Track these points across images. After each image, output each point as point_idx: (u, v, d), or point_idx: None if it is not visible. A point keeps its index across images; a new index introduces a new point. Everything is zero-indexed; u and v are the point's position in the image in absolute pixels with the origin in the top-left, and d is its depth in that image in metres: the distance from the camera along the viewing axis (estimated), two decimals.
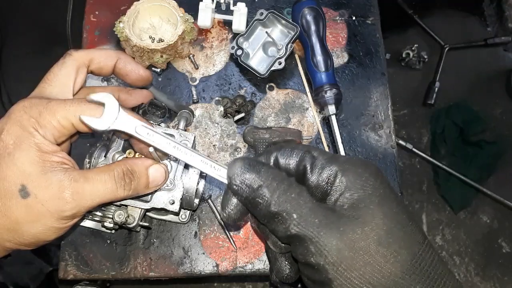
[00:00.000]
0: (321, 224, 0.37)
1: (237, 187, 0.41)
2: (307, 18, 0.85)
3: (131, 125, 0.51)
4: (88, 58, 0.57)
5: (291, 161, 0.42)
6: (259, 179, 0.40)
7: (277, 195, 0.39)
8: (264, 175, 0.40)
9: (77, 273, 0.77)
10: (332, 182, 0.40)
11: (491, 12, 2.03)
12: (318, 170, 0.41)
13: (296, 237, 0.38)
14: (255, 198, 0.40)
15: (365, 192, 0.39)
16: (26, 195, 0.48)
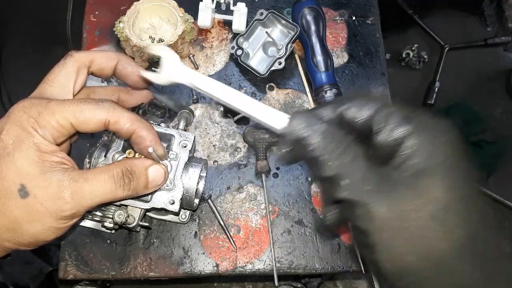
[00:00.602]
0: (372, 191, 0.37)
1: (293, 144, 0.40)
2: (307, 18, 0.85)
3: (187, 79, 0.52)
4: (89, 60, 0.58)
5: (360, 114, 0.40)
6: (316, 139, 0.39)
7: (332, 159, 0.38)
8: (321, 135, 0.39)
9: (77, 273, 0.77)
10: (401, 143, 0.37)
11: (491, 12, 2.03)
12: (390, 129, 0.38)
13: (346, 201, 0.38)
14: (310, 158, 0.39)
15: (434, 161, 0.37)
16: (25, 194, 0.48)
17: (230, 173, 0.84)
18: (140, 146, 0.56)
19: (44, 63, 0.60)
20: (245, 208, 0.82)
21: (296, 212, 0.82)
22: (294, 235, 0.81)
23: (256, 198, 0.83)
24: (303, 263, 0.79)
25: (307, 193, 0.83)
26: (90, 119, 0.51)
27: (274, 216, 0.82)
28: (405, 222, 0.36)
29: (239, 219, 0.81)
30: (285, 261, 0.79)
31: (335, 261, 0.80)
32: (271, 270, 0.78)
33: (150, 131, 0.56)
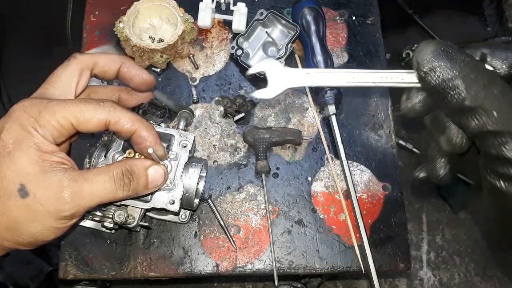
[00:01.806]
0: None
1: (425, 74, 0.38)
2: (307, 18, 0.85)
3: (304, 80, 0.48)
4: (92, 62, 0.58)
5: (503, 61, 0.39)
6: (453, 68, 0.37)
7: (475, 89, 0.36)
8: (460, 64, 0.37)
9: (77, 273, 0.77)
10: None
11: (491, 12, 2.03)
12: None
13: (493, 133, 0.36)
14: (445, 89, 0.37)
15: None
16: (25, 194, 0.48)
17: (230, 173, 0.84)
18: (140, 146, 0.56)
19: (44, 63, 0.60)
20: (245, 208, 0.82)
21: (296, 212, 0.82)
22: (294, 235, 0.81)
23: (256, 198, 0.83)
24: (303, 263, 0.79)
25: (307, 193, 0.83)
26: (91, 119, 0.51)
27: (274, 216, 0.82)
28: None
29: (239, 219, 0.81)
30: (285, 261, 0.79)
31: (335, 261, 0.80)
32: (271, 270, 0.78)
33: (150, 131, 0.56)
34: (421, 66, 0.39)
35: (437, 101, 0.40)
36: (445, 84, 0.37)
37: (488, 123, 0.36)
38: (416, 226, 1.84)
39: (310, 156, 0.86)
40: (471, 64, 0.37)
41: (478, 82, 0.37)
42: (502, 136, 0.36)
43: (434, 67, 0.38)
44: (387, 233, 0.82)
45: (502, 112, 0.36)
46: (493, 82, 0.37)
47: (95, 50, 0.90)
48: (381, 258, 0.80)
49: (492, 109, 0.36)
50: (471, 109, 0.37)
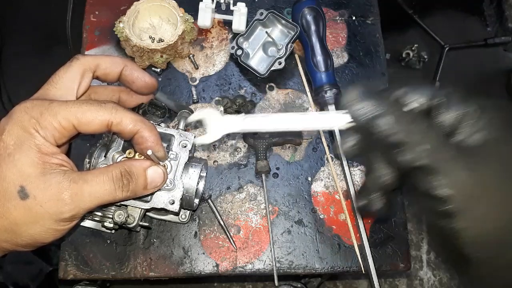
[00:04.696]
0: (454, 158, 0.37)
1: (357, 113, 0.40)
2: (307, 18, 0.85)
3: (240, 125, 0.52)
4: (95, 64, 0.58)
5: (421, 97, 0.41)
6: (381, 106, 0.39)
7: (404, 123, 0.38)
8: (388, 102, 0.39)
9: (77, 273, 0.77)
10: (467, 120, 0.39)
11: (491, 12, 2.03)
12: (453, 107, 0.39)
13: (424, 168, 0.37)
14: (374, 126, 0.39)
15: (501, 135, 0.38)
16: (25, 196, 0.48)
17: (230, 173, 0.84)
18: (141, 147, 0.56)
19: (44, 63, 0.60)
20: (245, 208, 0.82)
21: (296, 212, 0.82)
22: (294, 235, 0.81)
23: (256, 198, 0.83)
24: (303, 263, 0.79)
25: (307, 193, 0.84)
26: (93, 120, 0.51)
27: (274, 216, 0.82)
28: (487, 189, 0.36)
29: (239, 219, 0.81)
30: (285, 261, 0.79)
31: (335, 261, 0.80)
32: (271, 270, 0.79)
33: (152, 131, 0.56)
34: (352, 106, 0.40)
35: (368, 138, 0.42)
36: (373, 122, 0.39)
37: (418, 158, 0.37)
38: (416, 226, 1.84)
39: (310, 156, 0.86)
40: (397, 102, 0.40)
41: (404, 118, 0.38)
42: (431, 172, 0.37)
43: (364, 106, 0.39)
44: (387, 233, 0.82)
45: (431, 147, 0.37)
46: (419, 118, 0.39)
47: (95, 50, 0.90)
48: (381, 258, 0.80)
49: (421, 143, 0.37)
50: (401, 144, 0.38)
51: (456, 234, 0.37)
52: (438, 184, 0.37)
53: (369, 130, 0.40)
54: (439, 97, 0.40)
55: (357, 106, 0.40)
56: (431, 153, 0.37)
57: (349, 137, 0.44)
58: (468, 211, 0.36)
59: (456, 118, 0.39)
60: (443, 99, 0.40)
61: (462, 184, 0.36)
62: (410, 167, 0.38)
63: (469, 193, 0.36)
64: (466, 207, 0.36)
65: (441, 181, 0.37)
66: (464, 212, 0.36)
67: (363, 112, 0.39)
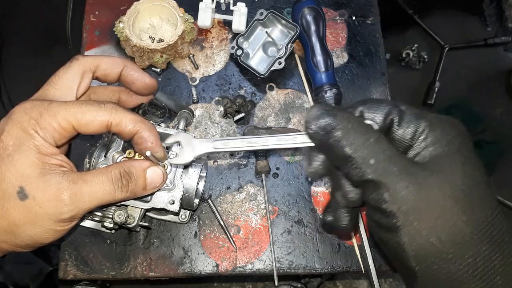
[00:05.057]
0: (399, 173, 0.38)
1: (312, 131, 0.42)
2: (307, 18, 0.85)
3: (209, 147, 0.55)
4: (95, 64, 0.58)
5: (377, 114, 0.42)
6: (333, 121, 0.40)
7: (352, 137, 0.39)
8: (340, 118, 0.40)
9: (77, 273, 0.77)
10: (418, 136, 0.41)
11: (491, 12, 2.03)
12: (406, 123, 0.41)
13: (371, 182, 0.38)
14: (328, 140, 0.40)
15: (450, 150, 0.39)
16: (24, 197, 0.47)
17: (230, 173, 0.84)
18: (141, 147, 0.56)
19: (44, 63, 0.60)
20: (245, 208, 0.82)
21: (296, 212, 0.82)
22: (294, 235, 0.81)
23: (256, 198, 0.83)
24: (303, 263, 0.79)
25: (307, 193, 0.83)
26: (92, 121, 0.51)
27: (274, 216, 0.82)
28: (431, 204, 0.37)
29: (239, 219, 0.81)
30: (285, 261, 0.79)
31: (335, 261, 0.80)
32: (271, 270, 0.78)
33: (152, 132, 0.56)
34: (309, 124, 0.42)
35: (326, 154, 0.44)
36: (328, 137, 0.41)
37: (366, 172, 0.39)
38: None
39: None
40: (349, 117, 0.41)
41: (355, 131, 0.40)
42: (378, 186, 0.38)
43: (319, 124, 0.41)
44: None
45: (377, 161, 0.38)
46: (369, 131, 0.40)
47: (95, 50, 0.90)
48: (381, 258, 0.80)
49: (368, 157, 0.38)
50: (351, 158, 0.39)
51: (401, 247, 0.38)
52: (383, 199, 0.38)
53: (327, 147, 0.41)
54: (394, 114, 0.42)
55: (313, 123, 0.41)
56: (376, 168, 0.38)
57: (313, 158, 0.45)
58: (410, 226, 0.37)
59: (409, 135, 0.41)
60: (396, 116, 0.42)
61: (406, 199, 0.37)
62: (360, 181, 0.40)
63: (411, 208, 0.37)
64: (409, 221, 0.37)
65: (385, 196, 0.38)
66: (407, 226, 0.37)
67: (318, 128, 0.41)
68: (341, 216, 0.47)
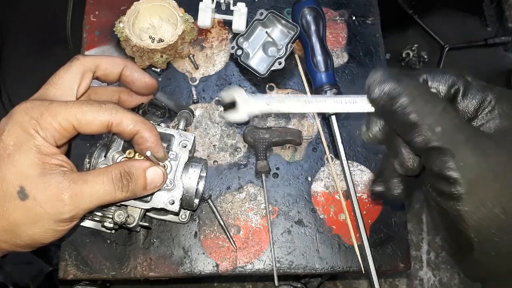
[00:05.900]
0: (467, 141, 0.37)
1: (375, 95, 0.40)
2: (307, 18, 0.85)
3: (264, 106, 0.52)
4: (95, 64, 0.58)
5: (441, 83, 0.41)
6: (399, 87, 0.39)
7: (419, 104, 0.38)
8: (405, 84, 0.39)
9: (77, 273, 0.77)
10: (484, 108, 0.40)
11: (491, 12, 2.03)
12: (472, 95, 0.41)
13: (437, 149, 0.38)
14: (392, 106, 0.39)
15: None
16: (24, 196, 0.48)
17: (230, 173, 0.84)
18: (141, 147, 0.56)
19: (44, 63, 0.60)
20: (245, 208, 0.82)
21: (296, 212, 0.82)
22: (294, 235, 0.81)
23: (256, 198, 0.83)
24: (303, 263, 0.79)
25: (307, 193, 0.84)
26: (93, 121, 0.51)
27: (274, 216, 0.82)
28: (498, 175, 0.36)
29: (239, 219, 0.81)
30: (285, 261, 0.79)
31: (335, 261, 0.80)
32: (271, 270, 0.79)
33: (152, 132, 0.56)
34: (371, 88, 0.41)
35: (387, 120, 0.43)
36: (392, 102, 0.39)
37: (432, 139, 0.38)
38: (416, 226, 1.84)
39: (310, 156, 0.86)
40: (415, 84, 0.40)
41: (422, 98, 0.39)
42: (444, 153, 0.37)
43: (382, 88, 0.40)
44: (387, 233, 0.82)
45: (445, 129, 0.37)
46: (436, 99, 0.39)
47: (95, 50, 0.90)
48: (381, 258, 0.80)
49: (435, 125, 0.38)
50: (416, 125, 0.38)
51: (461, 216, 0.37)
52: (448, 166, 0.37)
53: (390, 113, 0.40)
54: (459, 84, 0.41)
55: (376, 87, 0.40)
56: (443, 136, 0.37)
57: (372, 123, 0.44)
58: (475, 195, 0.36)
59: (474, 106, 0.41)
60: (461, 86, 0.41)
61: (472, 168, 0.37)
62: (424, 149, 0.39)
63: (477, 177, 0.36)
64: (473, 190, 0.36)
65: (451, 163, 0.37)
66: (471, 195, 0.36)
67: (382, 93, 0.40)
68: (395, 185, 0.46)
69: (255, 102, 0.52)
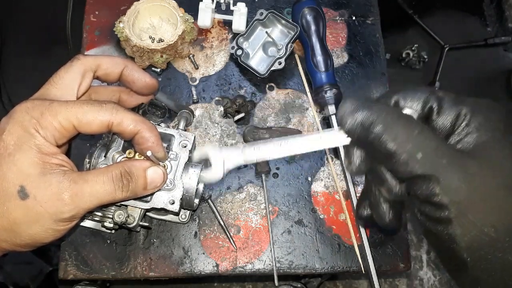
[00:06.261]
0: (449, 164, 0.36)
1: (349, 125, 0.39)
2: (307, 18, 0.85)
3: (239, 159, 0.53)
4: (96, 64, 0.58)
5: (414, 101, 0.40)
6: (371, 115, 0.38)
7: (394, 131, 0.37)
8: (377, 110, 0.38)
9: (77, 273, 0.77)
10: (460, 123, 0.39)
11: (491, 12, 2.03)
12: (447, 110, 0.40)
13: (420, 176, 0.37)
14: (368, 137, 0.38)
15: (495, 136, 0.38)
16: (25, 196, 0.48)
17: (230, 173, 0.84)
18: (141, 147, 0.56)
19: (44, 63, 0.60)
20: (245, 208, 0.82)
21: (296, 212, 0.82)
22: (294, 235, 0.81)
23: (256, 198, 0.83)
24: (303, 263, 0.79)
25: (307, 193, 0.84)
26: (93, 120, 0.51)
27: (274, 216, 0.82)
28: (484, 194, 0.36)
29: (239, 219, 0.81)
30: (285, 261, 0.79)
31: (335, 261, 0.80)
32: (271, 270, 0.79)
33: (153, 132, 0.56)
34: (344, 119, 0.40)
35: (366, 150, 0.42)
36: (367, 132, 0.38)
37: (414, 167, 0.37)
38: (416, 226, 1.84)
39: (310, 156, 0.86)
40: (388, 109, 0.39)
41: (397, 124, 0.38)
42: (429, 180, 0.37)
43: (355, 118, 0.39)
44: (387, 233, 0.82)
45: (425, 154, 0.37)
46: (411, 122, 0.38)
47: (95, 50, 0.90)
48: (381, 258, 0.80)
49: (415, 151, 0.37)
50: (395, 154, 0.37)
51: (453, 239, 0.37)
52: (434, 192, 0.37)
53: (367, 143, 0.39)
54: (432, 101, 0.40)
55: (349, 118, 0.39)
56: (425, 162, 0.37)
57: (353, 155, 0.43)
58: (464, 217, 0.36)
59: (450, 122, 0.40)
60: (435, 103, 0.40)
61: (458, 191, 0.36)
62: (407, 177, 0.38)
63: (465, 199, 0.36)
64: (462, 212, 0.36)
65: (437, 189, 0.37)
66: (460, 217, 0.36)
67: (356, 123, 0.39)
68: (385, 211, 0.45)
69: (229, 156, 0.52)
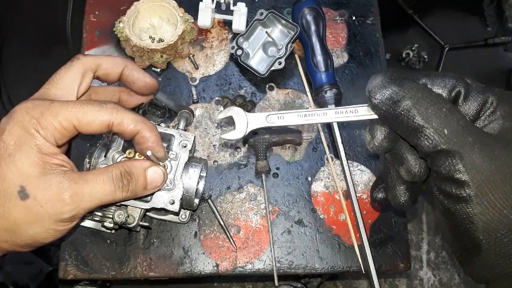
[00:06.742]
0: (474, 143, 0.37)
1: (377, 100, 0.40)
2: (307, 18, 0.85)
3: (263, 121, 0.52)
4: (96, 64, 0.58)
5: (442, 86, 0.41)
6: (401, 90, 0.39)
7: (423, 106, 0.38)
8: (408, 87, 0.39)
9: (77, 273, 0.77)
10: (486, 110, 0.40)
11: (491, 12, 2.03)
12: (473, 96, 0.40)
13: (444, 152, 0.37)
14: (395, 110, 0.39)
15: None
16: (25, 196, 0.48)
17: (230, 173, 0.84)
18: (141, 147, 0.56)
19: (44, 63, 0.60)
20: (245, 208, 0.82)
21: (296, 212, 0.82)
22: (294, 235, 0.81)
23: (256, 198, 0.83)
24: (303, 263, 0.79)
25: (307, 193, 0.84)
26: (93, 120, 0.51)
27: (274, 216, 0.82)
28: (506, 176, 0.36)
29: (239, 219, 0.81)
30: (285, 261, 0.79)
31: (335, 261, 0.80)
32: (271, 270, 0.79)
33: (153, 132, 0.56)
34: (372, 94, 0.40)
35: (391, 125, 0.42)
36: (395, 106, 0.39)
37: (439, 142, 0.37)
38: (416, 226, 1.84)
39: (310, 156, 0.86)
40: (418, 86, 0.39)
41: (426, 100, 0.38)
42: (452, 156, 0.37)
43: (384, 93, 0.39)
44: (387, 233, 0.82)
45: (452, 131, 0.37)
46: (440, 100, 0.38)
47: (95, 50, 0.90)
48: (381, 258, 0.80)
49: (442, 127, 0.37)
50: (422, 128, 0.38)
51: (470, 218, 0.37)
52: (456, 168, 0.37)
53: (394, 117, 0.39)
54: (459, 87, 0.41)
55: (378, 93, 0.40)
56: (450, 138, 0.37)
57: (377, 131, 0.43)
58: (484, 197, 0.36)
59: (476, 108, 0.40)
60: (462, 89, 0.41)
61: (480, 170, 0.36)
62: (431, 152, 0.38)
63: (486, 179, 0.36)
64: (482, 192, 0.36)
65: (460, 166, 0.37)
66: (480, 197, 0.36)
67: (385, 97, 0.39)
68: (401, 192, 0.46)
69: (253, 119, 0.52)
